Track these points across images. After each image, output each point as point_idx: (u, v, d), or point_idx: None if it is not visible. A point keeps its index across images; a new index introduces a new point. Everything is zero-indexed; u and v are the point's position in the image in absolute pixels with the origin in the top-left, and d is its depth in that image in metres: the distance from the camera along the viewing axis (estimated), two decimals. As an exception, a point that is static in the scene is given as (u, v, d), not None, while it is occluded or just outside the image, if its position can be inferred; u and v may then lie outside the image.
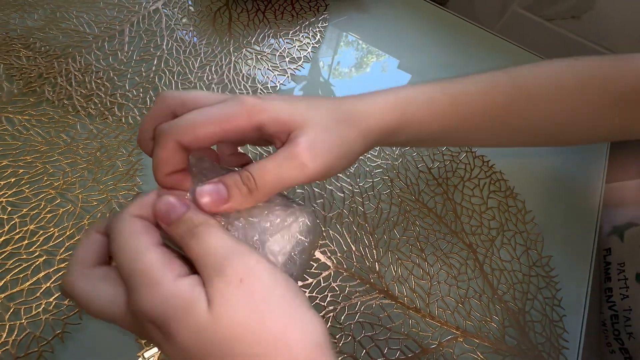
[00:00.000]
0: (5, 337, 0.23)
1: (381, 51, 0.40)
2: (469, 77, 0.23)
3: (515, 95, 0.23)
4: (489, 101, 0.22)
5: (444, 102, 0.21)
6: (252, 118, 0.16)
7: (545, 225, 0.32)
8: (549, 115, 0.23)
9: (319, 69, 0.38)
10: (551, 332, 0.28)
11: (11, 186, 0.27)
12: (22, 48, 0.33)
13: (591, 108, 0.23)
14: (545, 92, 0.23)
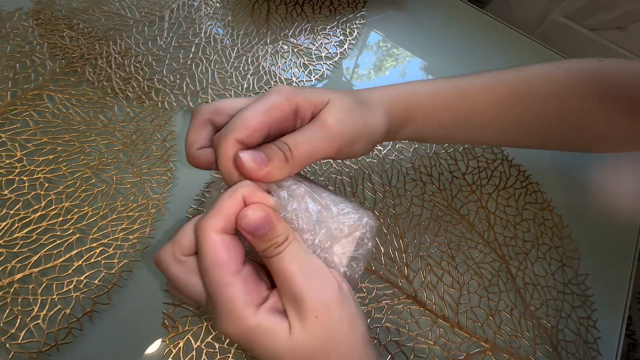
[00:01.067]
0: (37, 311, 0.23)
1: (413, 53, 0.40)
2: (478, 73, 0.23)
3: (522, 91, 0.22)
4: (495, 95, 0.22)
5: (448, 93, 0.22)
6: (291, 101, 0.17)
7: (582, 241, 0.31)
8: (560, 114, 0.23)
9: (356, 70, 0.37)
10: (584, 354, 0.27)
11: (49, 163, 0.28)
12: (65, 28, 0.34)
13: (606, 113, 0.23)
14: (556, 90, 0.22)
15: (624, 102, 0.22)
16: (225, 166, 0.16)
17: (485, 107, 0.22)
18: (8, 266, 0.24)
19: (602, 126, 0.24)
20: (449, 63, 0.39)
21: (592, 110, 0.23)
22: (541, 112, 0.23)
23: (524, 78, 0.23)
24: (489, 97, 0.22)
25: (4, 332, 0.22)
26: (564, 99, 0.22)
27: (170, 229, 0.27)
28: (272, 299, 0.16)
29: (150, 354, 0.23)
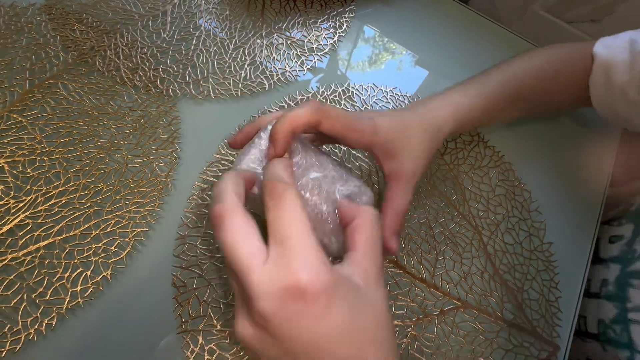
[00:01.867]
0: (62, 272, 0.26)
1: (401, 46, 0.43)
2: (489, 76, 0.31)
3: (524, 81, 0.31)
4: (506, 92, 0.30)
5: (481, 106, 0.29)
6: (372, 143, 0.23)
7: (549, 214, 0.34)
8: (545, 90, 0.32)
9: (344, 61, 0.40)
10: (546, 311, 0.30)
11: (66, 145, 0.31)
12: (76, 22, 0.36)
13: (566, 85, 0.32)
14: (543, 75, 0.31)
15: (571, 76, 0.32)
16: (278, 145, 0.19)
17: (502, 104, 0.30)
18: (34, 234, 0.27)
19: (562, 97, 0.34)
20: (435, 55, 0.42)
21: (562, 83, 0.32)
22: (536, 92, 0.32)
23: (523, 72, 0.31)
24: (504, 95, 0.30)
25: (33, 290, 0.26)
26: (547, 80, 0.32)
27: (178, 203, 0.30)
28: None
29: (161, 310, 0.27)
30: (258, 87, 0.36)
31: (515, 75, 0.31)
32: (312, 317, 0.14)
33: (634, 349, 0.28)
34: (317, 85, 0.38)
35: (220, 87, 0.35)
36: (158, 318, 0.26)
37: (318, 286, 0.14)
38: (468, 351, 0.28)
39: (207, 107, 0.35)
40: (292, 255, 0.14)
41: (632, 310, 0.29)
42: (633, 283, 0.30)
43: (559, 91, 0.33)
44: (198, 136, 0.33)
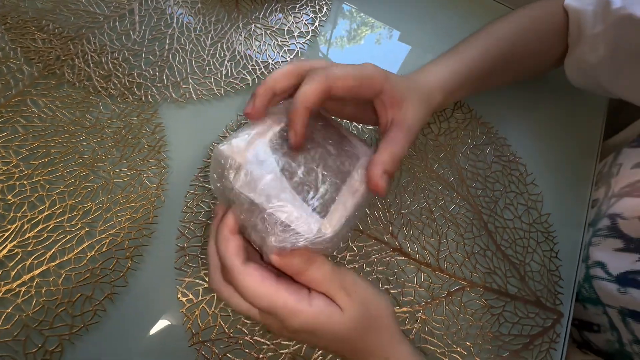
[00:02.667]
0: (62, 299, 0.26)
1: (382, 23, 0.41)
2: (474, 46, 0.30)
3: (508, 52, 0.31)
4: (492, 61, 0.30)
5: (465, 77, 0.28)
6: (379, 85, 0.22)
7: (544, 185, 0.35)
8: (532, 50, 0.32)
9: (329, 46, 0.39)
10: (548, 280, 0.31)
11: (45, 165, 0.29)
12: (36, 31, 0.34)
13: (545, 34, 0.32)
14: (528, 35, 0.32)
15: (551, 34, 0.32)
16: (304, 96, 0.19)
17: (486, 71, 0.30)
18: (26, 263, 0.26)
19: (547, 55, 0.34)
20: (416, 30, 0.41)
21: (541, 45, 0.33)
22: (519, 55, 0.32)
23: (505, 44, 0.31)
24: (487, 63, 0.30)
25: (34, 320, 0.25)
26: (528, 42, 0.32)
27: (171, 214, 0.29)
28: (321, 295, 0.20)
29: (171, 324, 0.26)
30: (241, 83, 0.35)
31: (496, 41, 0.30)
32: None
33: (602, 304, 0.29)
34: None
35: (201, 88, 0.34)
36: (168, 333, 0.26)
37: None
38: (477, 328, 0.29)
39: (191, 110, 0.33)
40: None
41: (591, 267, 0.31)
42: (593, 241, 0.31)
43: (542, 51, 0.33)
44: (185, 142, 0.32)
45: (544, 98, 0.39)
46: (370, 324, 0.20)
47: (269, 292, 0.18)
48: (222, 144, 0.20)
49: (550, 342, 0.29)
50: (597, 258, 0.30)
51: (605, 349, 0.31)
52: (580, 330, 0.33)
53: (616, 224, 0.29)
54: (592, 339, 0.32)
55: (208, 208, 0.30)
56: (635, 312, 0.27)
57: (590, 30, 0.30)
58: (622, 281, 0.27)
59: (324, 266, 0.20)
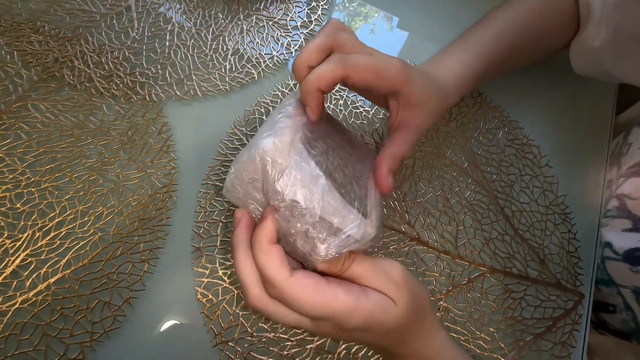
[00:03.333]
0: (80, 306, 0.25)
1: (382, 10, 0.40)
2: (485, 35, 0.29)
3: (519, 36, 0.30)
4: (504, 49, 0.29)
5: (480, 69, 0.28)
6: (399, 82, 0.21)
7: (559, 167, 0.34)
8: (545, 30, 0.31)
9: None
10: (568, 262, 0.31)
11: (52, 171, 0.28)
12: (31, 33, 0.33)
13: (561, 24, 0.31)
14: (540, 19, 0.30)
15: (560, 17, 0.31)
16: (318, 76, 0.19)
17: (498, 60, 0.29)
18: (41, 272, 0.26)
19: (556, 39, 0.33)
20: (417, 16, 0.40)
21: (550, 29, 0.31)
22: (531, 40, 0.31)
23: (522, 17, 0.30)
24: (499, 51, 0.29)
25: (54, 329, 0.24)
26: (539, 25, 0.31)
27: (186, 215, 0.29)
28: (365, 287, 0.19)
29: (192, 326, 0.26)
30: (247, 77, 0.34)
31: (507, 28, 0.29)
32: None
33: (616, 284, 0.29)
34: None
35: (206, 84, 0.33)
36: (190, 334, 0.26)
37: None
38: (499, 313, 0.29)
39: (196, 108, 0.32)
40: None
41: (603, 248, 0.30)
42: (603, 222, 0.31)
43: (552, 34, 0.32)
44: (193, 140, 0.31)
45: (553, 79, 0.38)
46: (419, 313, 0.20)
47: (325, 298, 0.18)
48: (260, 144, 0.17)
49: (573, 323, 0.29)
50: (606, 239, 0.30)
51: (621, 328, 0.31)
52: (596, 312, 0.33)
53: (624, 204, 0.29)
54: (608, 319, 0.32)
55: (222, 207, 0.29)
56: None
57: (599, 12, 0.29)
58: (631, 259, 0.27)
59: (364, 260, 0.19)
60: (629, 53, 0.29)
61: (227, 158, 0.31)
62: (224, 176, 0.30)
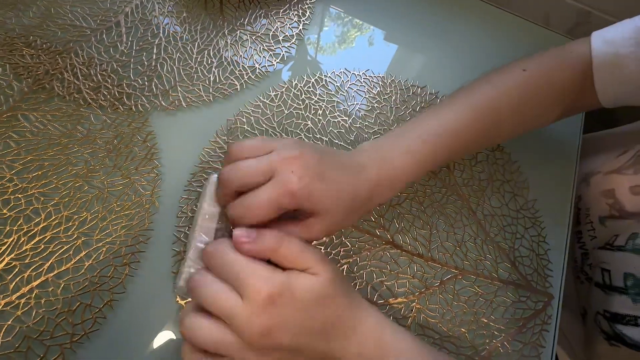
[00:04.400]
0: (61, 308, 0.26)
1: (368, 24, 0.42)
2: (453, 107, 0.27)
3: (486, 123, 0.28)
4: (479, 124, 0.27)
5: (430, 160, 0.26)
6: (296, 203, 0.20)
7: (529, 173, 0.36)
8: (522, 112, 0.29)
9: (313, 49, 0.40)
10: (538, 264, 0.32)
11: (39, 178, 0.29)
12: (24, 47, 0.34)
13: (541, 102, 0.29)
14: (514, 102, 0.28)
15: (554, 90, 0.29)
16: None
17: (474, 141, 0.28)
18: (24, 275, 0.26)
19: (540, 112, 0.31)
20: (403, 30, 0.42)
21: (533, 103, 0.29)
22: (500, 124, 0.29)
23: (481, 114, 0.28)
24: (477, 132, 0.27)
25: (35, 331, 0.25)
26: (522, 104, 0.29)
27: (166, 220, 0.30)
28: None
29: (171, 327, 0.27)
30: (230, 88, 0.35)
31: (490, 105, 0.28)
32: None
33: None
34: (290, 77, 0.37)
35: (190, 95, 0.34)
36: (168, 336, 0.26)
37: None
38: (470, 314, 0.30)
39: (181, 117, 0.34)
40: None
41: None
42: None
43: (544, 107, 0.30)
44: (176, 148, 0.32)
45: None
46: (346, 287, 0.21)
47: (243, 260, 0.19)
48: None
49: (543, 324, 0.30)
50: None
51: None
52: (612, 323, 0.31)
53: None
54: (627, 332, 0.30)
55: (202, 212, 0.30)
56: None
57: (634, 70, 0.27)
58: None
59: (295, 241, 0.20)
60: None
61: (209, 165, 0.32)
62: (205, 182, 0.31)
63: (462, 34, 0.43)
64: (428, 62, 0.41)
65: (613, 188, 0.35)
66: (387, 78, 0.38)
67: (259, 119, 0.34)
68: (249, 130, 0.34)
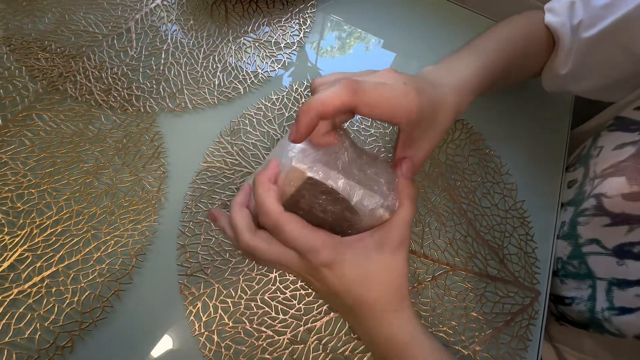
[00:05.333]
0: (71, 298, 0.27)
1: (366, 32, 0.44)
2: (488, 47, 0.31)
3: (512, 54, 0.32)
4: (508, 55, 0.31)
5: (488, 78, 0.29)
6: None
7: (518, 175, 0.37)
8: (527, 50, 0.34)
9: (314, 55, 0.42)
10: (526, 261, 0.34)
11: (52, 174, 0.31)
12: (39, 51, 0.36)
13: (538, 47, 0.35)
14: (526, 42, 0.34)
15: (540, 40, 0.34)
16: (301, 125, 0.19)
17: (503, 70, 0.31)
18: (36, 266, 0.28)
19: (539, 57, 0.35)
20: (399, 38, 0.44)
21: (535, 47, 0.34)
22: (524, 53, 0.34)
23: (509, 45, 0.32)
24: (502, 62, 0.31)
25: (45, 319, 0.26)
26: (528, 44, 0.34)
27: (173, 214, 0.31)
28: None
29: (175, 317, 0.28)
30: (233, 92, 0.37)
31: (504, 44, 0.31)
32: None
33: (594, 277, 0.31)
34: (291, 82, 0.39)
35: (196, 97, 0.36)
36: (172, 325, 0.28)
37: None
38: (460, 309, 0.31)
39: (187, 119, 0.36)
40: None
41: (584, 245, 0.32)
42: (580, 221, 0.33)
43: (535, 56, 0.35)
44: (182, 148, 0.34)
45: (513, 93, 0.42)
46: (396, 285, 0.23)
47: (310, 231, 0.21)
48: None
49: (530, 318, 0.32)
50: (590, 236, 0.32)
51: (579, 319, 0.33)
52: (556, 304, 0.35)
53: (601, 202, 0.31)
54: (566, 311, 0.34)
55: (206, 208, 0.32)
56: (623, 280, 0.29)
57: (567, 45, 0.33)
58: (619, 253, 0.29)
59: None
60: (589, 77, 0.34)
61: (213, 164, 0.34)
62: (209, 180, 0.33)
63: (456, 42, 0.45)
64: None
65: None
66: (383, 84, 0.40)
67: (261, 120, 0.36)
68: (251, 132, 0.36)
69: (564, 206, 0.37)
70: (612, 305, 0.29)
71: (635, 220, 0.28)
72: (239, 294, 0.29)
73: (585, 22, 0.31)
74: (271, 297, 0.29)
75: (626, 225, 0.29)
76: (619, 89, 0.34)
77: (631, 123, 0.32)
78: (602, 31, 0.30)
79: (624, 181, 0.29)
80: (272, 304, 0.29)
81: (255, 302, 0.29)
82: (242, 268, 0.30)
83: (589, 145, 0.38)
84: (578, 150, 0.40)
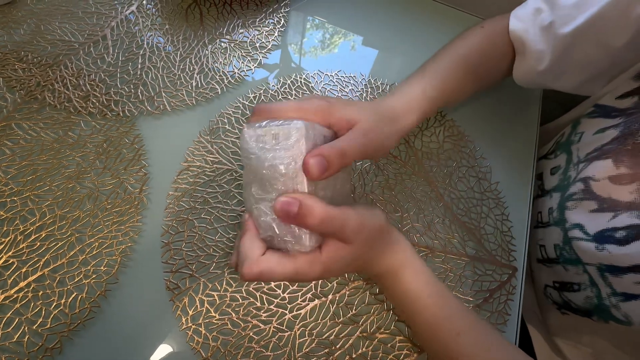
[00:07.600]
0: (57, 300, 0.28)
1: (344, 29, 0.45)
2: (438, 63, 0.33)
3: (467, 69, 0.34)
4: (459, 72, 0.33)
5: (438, 99, 0.31)
6: (326, 119, 0.24)
7: (492, 158, 0.39)
8: (485, 65, 0.36)
9: (289, 54, 0.43)
10: (502, 240, 0.35)
11: (34, 181, 0.32)
12: (16, 62, 0.37)
13: (498, 59, 0.37)
14: (482, 56, 0.35)
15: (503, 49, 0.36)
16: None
17: (456, 83, 0.33)
18: (22, 271, 0.28)
19: (501, 66, 0.37)
20: (379, 34, 0.45)
21: (495, 59, 0.36)
22: (481, 67, 0.36)
23: (466, 61, 0.34)
24: (457, 76, 0.33)
25: (33, 322, 0.27)
26: (486, 56, 0.36)
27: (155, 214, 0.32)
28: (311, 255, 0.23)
29: (162, 313, 0.29)
30: (211, 92, 0.38)
31: (457, 60, 0.33)
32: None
33: (583, 263, 0.32)
34: (268, 80, 0.40)
35: (174, 100, 0.37)
36: (159, 321, 0.28)
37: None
38: (441, 288, 0.32)
39: (166, 120, 0.36)
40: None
41: (569, 229, 0.33)
42: (568, 205, 0.34)
43: (495, 64, 0.36)
44: (163, 149, 0.35)
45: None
46: (371, 242, 0.24)
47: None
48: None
49: (508, 294, 0.33)
50: (574, 221, 0.32)
51: (585, 306, 0.32)
52: (561, 292, 0.35)
53: (589, 186, 0.31)
54: (572, 298, 0.34)
55: (188, 206, 0.32)
56: (612, 266, 0.29)
57: (534, 47, 0.34)
58: (599, 239, 0.29)
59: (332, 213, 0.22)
60: (566, 73, 0.35)
61: (193, 163, 0.34)
62: (190, 179, 0.34)
63: (436, 38, 0.46)
64: (403, 63, 0.44)
65: (542, 172, 0.40)
66: (357, 77, 0.41)
67: (239, 119, 0.37)
68: (230, 130, 0.36)
69: (549, 193, 0.38)
70: (614, 291, 0.29)
71: (621, 206, 0.28)
72: (224, 287, 0.30)
73: (557, 22, 0.32)
74: (256, 288, 0.30)
75: (611, 213, 0.29)
76: (597, 82, 0.35)
77: (612, 110, 0.33)
78: (576, 29, 0.31)
79: (610, 164, 0.30)
80: (257, 294, 0.30)
81: (240, 293, 0.30)
82: (226, 262, 0.30)
83: (568, 133, 0.39)
84: (556, 138, 0.41)
